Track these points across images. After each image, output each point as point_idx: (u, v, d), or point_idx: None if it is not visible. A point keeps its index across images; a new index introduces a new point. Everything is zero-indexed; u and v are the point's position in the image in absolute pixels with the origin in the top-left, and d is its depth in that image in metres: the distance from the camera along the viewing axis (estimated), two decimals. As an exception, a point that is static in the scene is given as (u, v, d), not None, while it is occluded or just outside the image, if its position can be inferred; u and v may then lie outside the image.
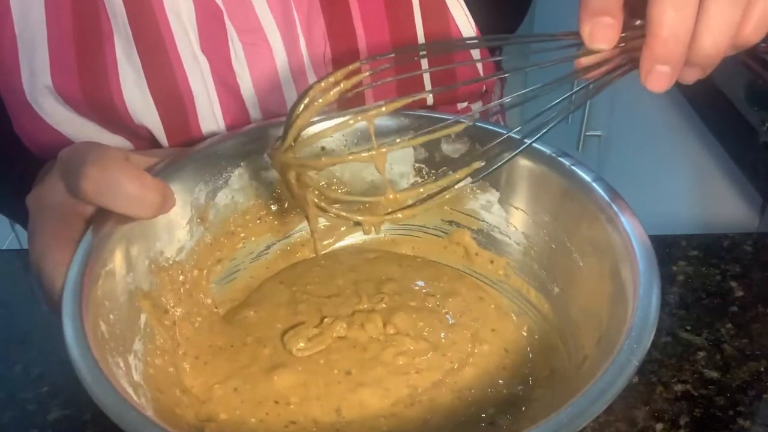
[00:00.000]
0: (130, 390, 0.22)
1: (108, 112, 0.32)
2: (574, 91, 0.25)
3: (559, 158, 0.29)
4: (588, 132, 0.90)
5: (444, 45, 0.34)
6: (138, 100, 0.31)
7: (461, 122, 0.26)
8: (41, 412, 0.33)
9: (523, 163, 0.30)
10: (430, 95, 0.35)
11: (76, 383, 0.35)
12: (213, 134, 0.33)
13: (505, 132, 0.27)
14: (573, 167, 0.29)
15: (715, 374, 0.34)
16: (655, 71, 0.20)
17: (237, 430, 0.26)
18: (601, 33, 0.20)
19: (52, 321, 0.38)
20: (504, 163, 0.26)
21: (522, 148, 0.25)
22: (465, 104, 0.38)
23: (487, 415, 0.26)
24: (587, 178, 0.28)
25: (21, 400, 0.34)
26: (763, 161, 0.52)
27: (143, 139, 0.34)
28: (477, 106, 0.40)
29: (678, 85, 0.22)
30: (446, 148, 0.32)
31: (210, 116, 0.33)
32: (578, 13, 0.21)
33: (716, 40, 0.20)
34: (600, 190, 0.27)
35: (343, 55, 0.33)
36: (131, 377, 0.24)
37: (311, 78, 0.34)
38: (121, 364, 0.23)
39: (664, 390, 0.33)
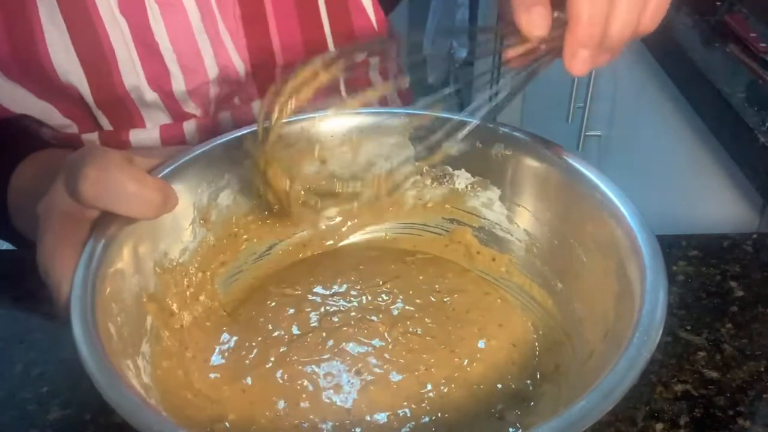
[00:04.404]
0: (141, 391, 0.22)
1: (36, 72, 0.33)
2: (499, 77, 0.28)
3: (562, 155, 0.29)
4: (588, 132, 0.90)
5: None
6: (64, 59, 0.33)
7: (466, 122, 0.27)
8: (41, 412, 0.33)
9: (526, 160, 0.30)
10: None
11: (76, 383, 0.35)
12: (136, 88, 0.36)
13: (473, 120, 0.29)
14: (576, 164, 0.29)
15: (715, 374, 0.34)
16: (578, 54, 0.24)
17: (247, 431, 0.26)
18: (536, 21, 0.24)
19: (53, 321, 0.38)
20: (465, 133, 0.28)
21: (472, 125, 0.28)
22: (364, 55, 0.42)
23: (496, 410, 0.26)
24: (590, 175, 0.28)
25: (21, 400, 0.34)
26: (763, 161, 0.52)
27: (69, 102, 0.35)
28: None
29: (678, 85, 0.23)
30: (447, 146, 0.32)
31: (132, 71, 0.35)
32: (512, 8, 0.24)
33: (625, 22, 0.24)
34: (603, 187, 0.27)
35: (250, 12, 0.36)
36: (141, 379, 0.24)
37: (223, 34, 0.37)
38: (131, 366, 0.23)
39: (664, 390, 0.33)
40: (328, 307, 0.31)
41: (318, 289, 0.32)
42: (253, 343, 0.29)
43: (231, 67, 0.37)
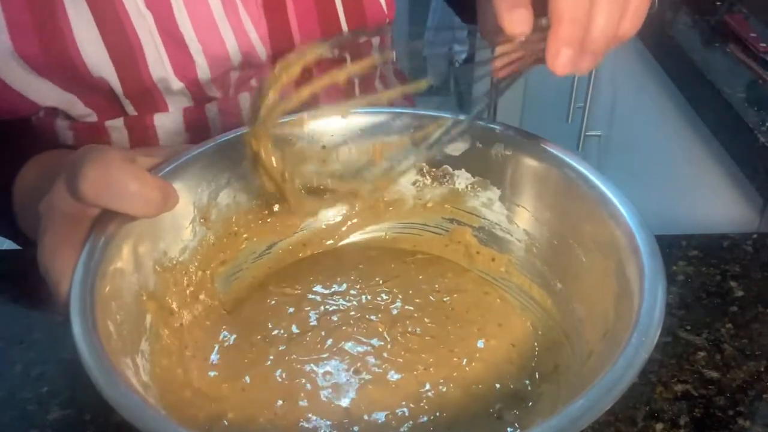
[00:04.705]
0: (140, 390, 0.22)
1: (67, 68, 0.34)
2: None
3: (562, 156, 0.29)
4: (588, 132, 0.90)
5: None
6: (93, 54, 0.34)
7: (461, 120, 0.27)
8: (41, 412, 0.33)
9: (526, 161, 0.30)
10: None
11: (76, 383, 0.35)
12: (163, 79, 0.36)
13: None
14: (575, 165, 0.29)
15: (715, 374, 0.34)
16: (561, 54, 0.25)
17: (246, 429, 0.26)
18: (519, 21, 0.24)
19: (53, 321, 0.38)
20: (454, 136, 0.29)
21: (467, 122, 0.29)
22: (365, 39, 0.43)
23: (495, 409, 0.26)
24: (590, 175, 0.28)
25: (21, 400, 0.34)
26: (763, 161, 0.52)
27: (95, 93, 0.36)
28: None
29: (678, 85, 0.23)
30: (447, 146, 0.32)
31: (159, 63, 0.35)
32: (496, 9, 0.25)
33: (606, 24, 0.25)
34: (603, 188, 0.27)
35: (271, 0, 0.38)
36: (140, 377, 0.24)
37: (245, 21, 0.37)
38: (130, 364, 0.23)
39: (664, 390, 0.33)
40: (327, 307, 0.31)
41: (317, 289, 0.32)
42: (253, 342, 0.30)
43: (253, 54, 0.38)
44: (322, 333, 0.30)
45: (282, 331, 0.30)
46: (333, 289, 0.32)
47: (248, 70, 0.39)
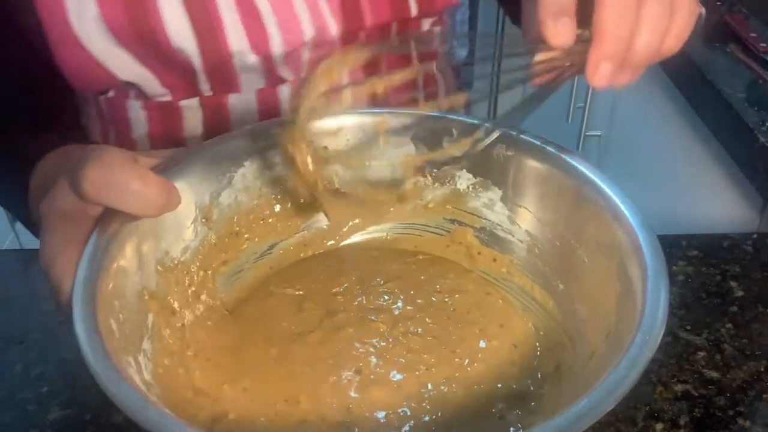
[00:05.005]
0: (143, 389, 0.22)
1: (150, 39, 0.34)
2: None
3: (564, 156, 0.29)
4: (588, 132, 0.90)
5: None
6: (177, 26, 0.34)
7: (480, 126, 0.27)
8: (41, 412, 0.33)
9: (528, 161, 0.30)
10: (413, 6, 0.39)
11: (76, 383, 0.35)
12: (239, 53, 0.37)
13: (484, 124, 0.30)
14: (577, 165, 0.29)
15: (715, 374, 0.34)
16: (601, 69, 0.25)
17: (247, 429, 0.26)
18: (562, 31, 0.24)
19: (53, 321, 0.38)
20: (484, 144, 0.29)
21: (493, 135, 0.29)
22: (429, 23, 0.43)
23: (497, 410, 0.26)
24: (592, 176, 0.28)
25: (21, 400, 0.34)
26: (763, 161, 0.52)
27: (171, 70, 0.36)
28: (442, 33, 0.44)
29: (678, 85, 0.23)
30: (449, 147, 0.32)
31: (236, 36, 0.36)
32: (538, 17, 0.25)
33: (649, 41, 0.24)
34: (605, 188, 0.27)
35: None
36: (142, 376, 0.24)
37: None
38: (133, 363, 0.23)
39: (664, 390, 0.33)
40: (328, 307, 0.31)
41: (319, 289, 0.32)
42: (254, 342, 0.29)
43: (326, 29, 0.38)
44: (324, 333, 0.30)
45: (283, 332, 0.30)
46: (334, 290, 0.32)
47: (319, 51, 0.39)
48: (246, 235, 0.32)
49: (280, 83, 0.39)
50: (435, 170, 0.32)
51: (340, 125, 0.31)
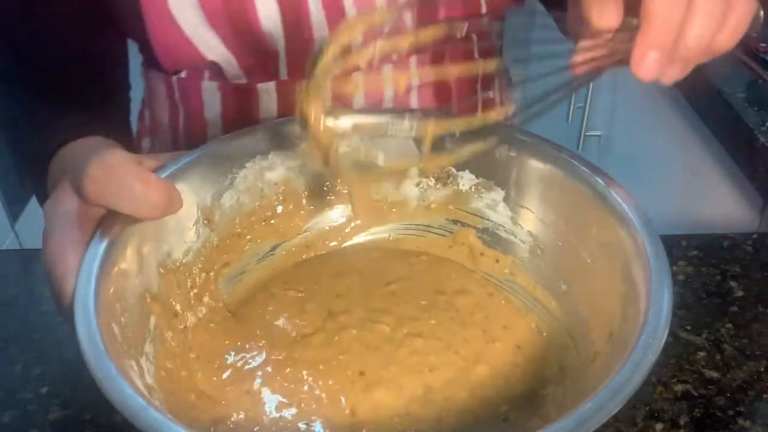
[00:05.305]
0: (144, 392, 0.22)
1: (240, 23, 0.36)
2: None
3: (567, 157, 0.29)
4: (588, 132, 0.90)
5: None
6: (268, 9, 0.35)
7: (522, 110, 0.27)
8: (41, 412, 0.33)
9: (531, 161, 0.30)
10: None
11: (76, 383, 0.35)
12: (320, 41, 0.38)
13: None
14: (580, 166, 0.29)
15: (715, 374, 0.34)
16: (647, 57, 0.23)
17: (249, 432, 0.26)
18: (608, 14, 0.23)
19: (53, 321, 0.38)
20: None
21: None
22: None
23: (501, 412, 0.26)
24: (595, 176, 0.28)
25: (21, 400, 0.33)
26: (763, 161, 0.52)
27: (255, 57, 0.38)
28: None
29: (678, 85, 0.23)
30: (451, 141, 0.32)
31: (320, 25, 0.37)
32: (583, 3, 0.23)
33: (701, 33, 0.23)
34: (608, 188, 0.27)
35: None
36: (144, 379, 0.24)
37: None
38: (134, 367, 0.23)
39: (664, 390, 0.33)
40: (331, 308, 0.31)
41: (321, 290, 0.32)
42: (257, 344, 0.29)
43: (400, 20, 0.39)
44: (327, 335, 0.30)
45: (286, 334, 0.30)
46: (337, 291, 0.32)
47: (393, 42, 0.40)
48: (248, 237, 0.32)
49: (354, 70, 0.40)
50: (454, 139, 0.30)
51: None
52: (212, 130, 0.42)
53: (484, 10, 0.39)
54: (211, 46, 0.37)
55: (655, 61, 0.23)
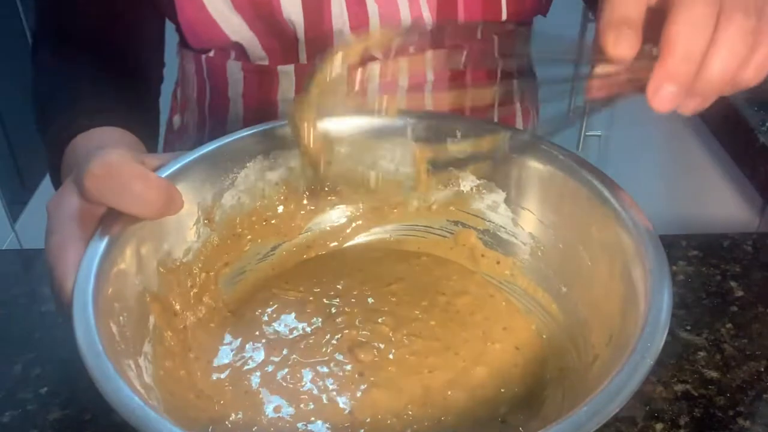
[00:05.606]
0: (142, 392, 0.22)
1: (264, 7, 0.37)
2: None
3: (567, 158, 0.29)
4: (588, 132, 0.90)
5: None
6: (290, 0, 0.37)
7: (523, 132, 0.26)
8: (41, 412, 0.33)
9: (532, 163, 0.30)
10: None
11: (76, 383, 0.35)
12: (339, 32, 0.39)
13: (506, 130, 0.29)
14: (581, 167, 0.29)
15: (715, 374, 0.34)
16: (663, 89, 0.22)
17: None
18: (623, 44, 0.21)
19: (53, 321, 0.38)
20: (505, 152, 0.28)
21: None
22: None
23: (500, 414, 0.26)
24: (596, 178, 0.28)
25: (21, 400, 0.34)
26: (763, 161, 0.52)
27: (275, 37, 0.39)
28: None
29: None
30: (452, 148, 0.32)
31: (340, 16, 0.38)
32: (599, 26, 0.22)
33: (724, 67, 0.21)
34: (608, 190, 0.27)
35: None
36: (143, 379, 0.24)
37: None
38: (133, 366, 0.23)
39: (664, 390, 0.34)
40: (331, 309, 0.31)
41: (322, 291, 0.32)
42: (256, 344, 0.29)
43: (420, 20, 0.39)
44: (326, 335, 0.30)
45: (286, 334, 0.30)
46: (337, 291, 0.32)
47: (411, 38, 0.40)
48: (248, 237, 0.32)
49: (370, 61, 0.41)
50: (452, 168, 0.30)
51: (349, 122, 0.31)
52: (233, 108, 0.43)
53: (504, 16, 0.39)
54: (235, 28, 0.38)
55: (671, 94, 0.21)
